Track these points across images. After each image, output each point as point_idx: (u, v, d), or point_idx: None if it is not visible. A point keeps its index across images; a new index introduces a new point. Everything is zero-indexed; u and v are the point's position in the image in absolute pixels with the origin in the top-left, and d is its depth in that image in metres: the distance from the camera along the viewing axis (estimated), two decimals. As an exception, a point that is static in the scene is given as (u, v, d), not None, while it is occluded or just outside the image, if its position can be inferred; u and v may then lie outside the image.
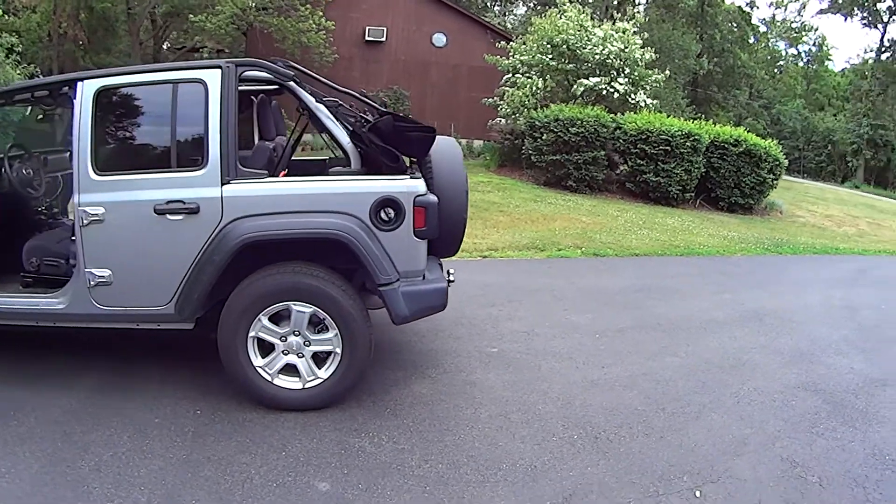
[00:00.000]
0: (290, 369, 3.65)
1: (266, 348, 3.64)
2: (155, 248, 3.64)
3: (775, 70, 44.68)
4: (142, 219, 3.59)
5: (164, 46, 26.78)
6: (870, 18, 38.91)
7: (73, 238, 3.73)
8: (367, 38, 21.51)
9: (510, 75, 15.03)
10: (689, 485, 2.91)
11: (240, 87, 3.83)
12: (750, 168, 12.60)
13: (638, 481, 2.92)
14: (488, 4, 37.25)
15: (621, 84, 13.64)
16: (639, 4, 33.35)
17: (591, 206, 11.66)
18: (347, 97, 4.14)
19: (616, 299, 6.03)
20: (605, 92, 13.73)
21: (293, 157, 5.01)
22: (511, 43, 16.07)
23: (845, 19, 40.24)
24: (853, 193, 25.69)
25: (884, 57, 38.38)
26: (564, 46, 14.12)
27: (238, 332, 3.57)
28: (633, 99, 13.88)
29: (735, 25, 36.77)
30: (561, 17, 14.67)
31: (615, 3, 29.73)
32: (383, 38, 21.61)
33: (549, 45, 14.38)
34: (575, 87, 13.87)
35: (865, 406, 4.00)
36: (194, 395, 3.70)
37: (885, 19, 38.26)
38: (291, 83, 3.90)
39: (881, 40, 38.69)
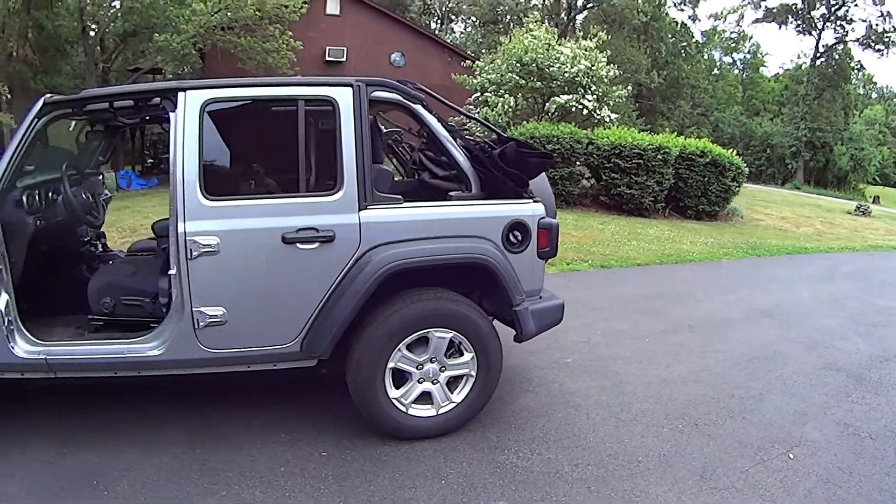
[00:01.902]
0: (421, 397, 3.68)
1: (397, 378, 3.63)
2: (281, 281, 3.45)
3: (713, 78, 47.61)
4: (266, 249, 3.41)
5: (111, 67, 26.22)
6: (804, 26, 42.21)
7: (171, 273, 3.44)
8: (327, 58, 22.23)
9: (479, 94, 15.93)
10: (781, 450, 3.77)
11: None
12: (715, 177, 14.00)
13: (745, 453, 3.72)
14: (429, 23, 38.53)
15: (589, 101, 14.82)
16: (579, 17, 35.42)
17: (574, 219, 12.67)
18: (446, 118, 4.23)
19: (643, 306, 6.94)
20: (573, 109, 14.87)
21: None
22: (477, 62, 17.06)
23: (780, 27, 43.55)
24: (797, 195, 28.09)
25: (819, 62, 41.69)
26: (534, 65, 15.13)
27: (379, 364, 3.52)
28: (598, 115, 15.07)
29: (679, 38, 39.26)
30: (527, 37, 15.69)
31: (564, 19, 31.63)
32: (343, 59, 22.37)
33: (518, 64, 15.35)
34: (548, 104, 14.93)
35: (879, 377, 5.09)
36: (309, 436, 3.67)
37: (820, 26, 41.68)
38: (419, 106, 3.82)
39: (816, 46, 42.10)
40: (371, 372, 3.50)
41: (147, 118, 4.17)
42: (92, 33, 22.40)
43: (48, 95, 3.65)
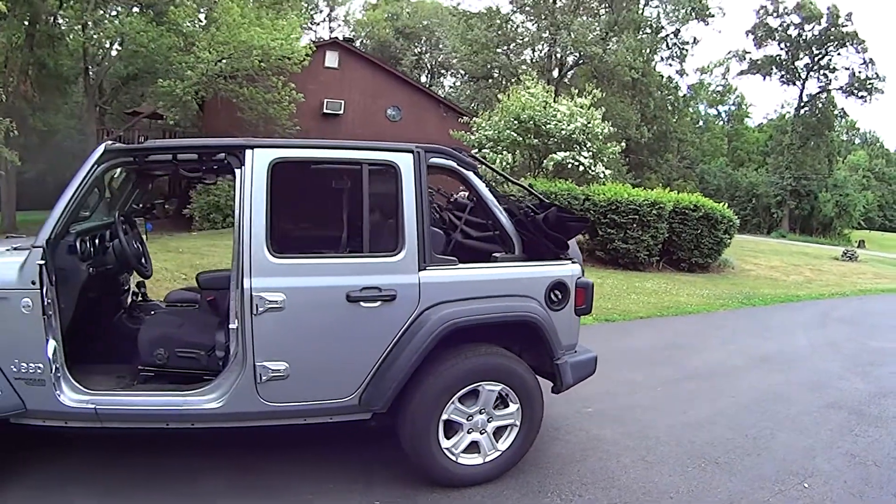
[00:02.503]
0: (469, 446, 3.88)
1: (448, 429, 3.81)
2: (343, 337, 3.59)
3: (699, 131, 49.17)
4: (331, 306, 3.54)
5: (109, 110, 26.13)
6: (788, 76, 44.16)
7: (232, 327, 3.55)
8: (325, 110, 22.75)
9: (477, 150, 16.57)
10: (797, 481, 4.24)
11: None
12: (708, 230, 14.73)
13: (764, 486, 4.17)
14: (419, 76, 39.76)
15: (585, 157, 15.48)
16: (570, 73, 36.78)
17: (574, 274, 13.24)
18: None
19: (652, 357, 7.46)
20: (570, 165, 15.52)
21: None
22: (475, 118, 17.76)
23: (764, 78, 45.42)
24: (783, 243, 29.12)
25: (803, 111, 43.45)
26: (531, 122, 15.75)
27: (433, 416, 3.69)
28: (593, 171, 15.74)
29: (667, 93, 40.75)
30: (524, 94, 16.40)
31: (556, 76, 32.87)
32: (341, 112, 22.85)
33: (515, 121, 15.95)
34: (546, 161, 15.58)
35: (879, 412, 5.69)
36: (358, 487, 3.84)
37: (804, 76, 43.64)
38: (470, 172, 4.07)
39: (800, 96, 43.94)
40: (426, 423, 3.69)
41: (210, 171, 4.34)
42: (93, 74, 22.73)
43: (109, 142, 3.73)
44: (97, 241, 4.27)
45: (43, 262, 3.39)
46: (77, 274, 3.88)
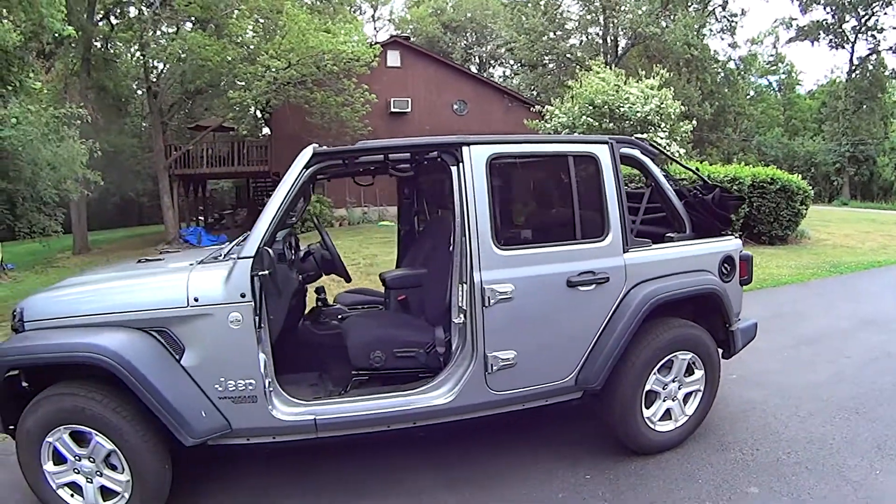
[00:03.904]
0: (663, 414, 4.14)
1: (647, 399, 4.02)
2: (564, 322, 3.76)
3: (753, 102, 48.12)
4: (553, 293, 3.68)
5: (171, 126, 26.73)
6: (836, 40, 42.96)
7: (456, 321, 3.63)
8: (392, 109, 23.15)
9: (552, 138, 17.05)
10: None
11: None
12: (786, 202, 14.95)
13: None
14: (469, 68, 40.27)
15: (661, 138, 15.73)
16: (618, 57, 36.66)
17: (661, 251, 13.78)
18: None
19: (766, 325, 7.59)
20: (647, 147, 15.83)
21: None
22: (548, 106, 18.11)
23: (812, 44, 44.29)
24: (848, 211, 28.66)
25: (854, 75, 42.19)
26: (605, 107, 16.03)
27: (640, 387, 3.89)
28: (668, 150, 15.92)
29: (718, 67, 40.23)
30: (595, 79, 16.70)
31: (611, 58, 32.91)
32: (408, 109, 23.26)
33: (590, 107, 16.24)
34: (625, 145, 15.93)
35: (985, 368, 6.15)
36: (565, 465, 4.14)
37: (852, 38, 42.34)
38: (649, 160, 4.36)
39: (850, 59, 42.59)
40: (633, 396, 3.92)
41: (420, 169, 4.51)
42: (154, 91, 23.31)
43: (315, 145, 3.64)
44: (289, 247, 4.26)
45: (266, 272, 3.32)
46: (288, 283, 3.89)
